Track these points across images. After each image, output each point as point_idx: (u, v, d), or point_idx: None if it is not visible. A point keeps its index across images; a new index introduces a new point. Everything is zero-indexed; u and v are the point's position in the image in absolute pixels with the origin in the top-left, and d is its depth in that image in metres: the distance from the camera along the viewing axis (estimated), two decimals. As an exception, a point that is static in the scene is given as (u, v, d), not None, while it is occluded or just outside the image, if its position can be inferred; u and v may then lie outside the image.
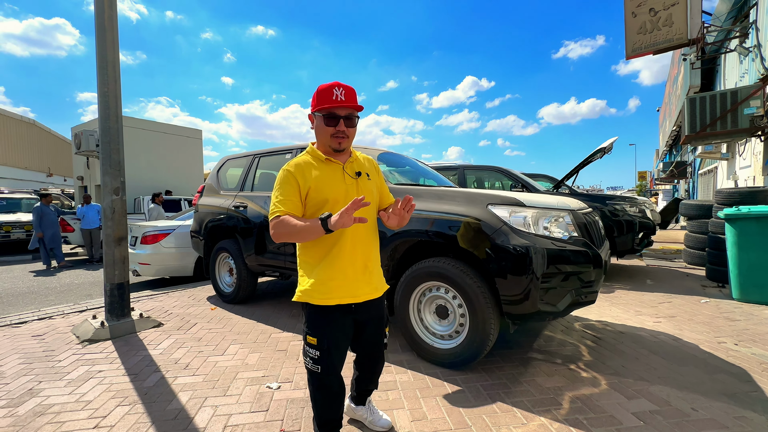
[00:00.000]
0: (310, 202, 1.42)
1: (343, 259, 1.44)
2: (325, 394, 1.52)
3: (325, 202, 1.42)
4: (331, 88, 1.41)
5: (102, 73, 3.16)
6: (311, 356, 1.46)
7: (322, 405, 1.54)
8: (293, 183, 1.40)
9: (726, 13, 8.20)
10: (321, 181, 1.43)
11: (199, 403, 2.04)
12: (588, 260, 2.25)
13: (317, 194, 1.41)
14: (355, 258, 1.47)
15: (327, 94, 1.41)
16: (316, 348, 1.45)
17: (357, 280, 1.47)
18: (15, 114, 22.19)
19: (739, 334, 2.97)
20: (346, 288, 1.45)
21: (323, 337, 1.45)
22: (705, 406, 1.95)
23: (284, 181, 1.41)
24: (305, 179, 1.41)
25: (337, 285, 1.44)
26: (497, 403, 2.00)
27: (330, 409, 1.55)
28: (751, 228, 3.78)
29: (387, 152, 3.59)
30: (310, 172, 1.43)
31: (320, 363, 1.45)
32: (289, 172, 1.42)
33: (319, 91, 1.43)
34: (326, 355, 1.45)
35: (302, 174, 1.42)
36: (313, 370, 1.47)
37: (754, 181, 7.30)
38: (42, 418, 1.92)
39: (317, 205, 1.42)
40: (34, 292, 5.26)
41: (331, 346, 1.46)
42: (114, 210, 3.23)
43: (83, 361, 2.61)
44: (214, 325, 3.34)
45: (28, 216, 9.78)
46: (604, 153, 5.06)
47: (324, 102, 1.41)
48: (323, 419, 1.56)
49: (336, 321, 1.47)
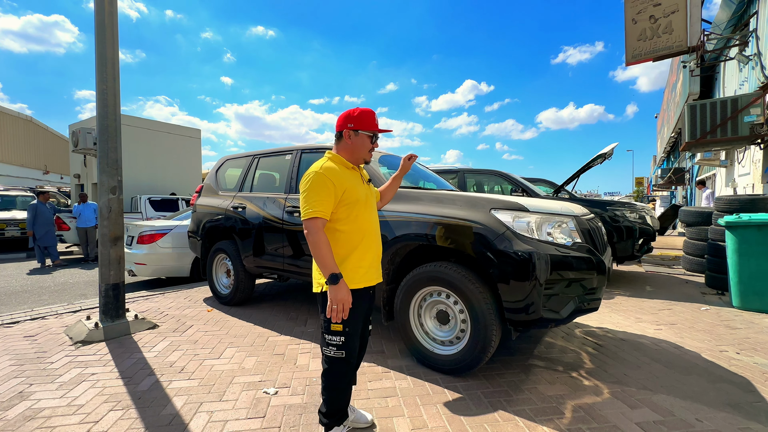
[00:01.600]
0: (344, 201, 1.59)
1: (369, 249, 1.66)
2: (347, 380, 1.65)
3: (357, 202, 1.61)
4: (374, 114, 1.68)
5: (101, 71, 3.12)
6: (335, 344, 1.58)
7: (340, 393, 1.65)
8: (330, 186, 1.54)
9: (726, 21, 8.25)
10: (353, 185, 1.63)
11: (194, 408, 2.00)
12: (591, 267, 2.22)
13: (351, 195, 1.60)
14: (374, 248, 1.70)
15: (372, 118, 1.67)
16: (341, 334, 1.57)
17: (376, 267, 1.71)
18: (12, 111, 22.04)
19: (740, 343, 2.95)
20: (371, 273, 1.67)
21: (348, 322, 1.57)
22: (709, 416, 1.92)
23: (321, 185, 1.54)
24: (340, 182, 1.58)
25: (364, 271, 1.64)
26: (499, 411, 1.96)
27: (346, 396, 1.68)
28: (752, 236, 3.77)
29: (388, 155, 3.56)
30: (343, 176, 1.61)
31: (345, 347, 1.58)
32: (325, 177, 1.55)
33: (365, 113, 1.65)
34: (350, 339, 1.59)
35: (337, 177, 1.58)
36: (337, 357, 1.59)
37: (753, 189, 7.32)
38: (32, 422, 1.87)
39: (350, 204, 1.60)
40: (28, 291, 5.18)
41: (353, 330, 1.60)
42: (111, 209, 3.18)
43: (76, 363, 2.55)
44: (210, 327, 3.29)
45: (23, 213, 9.69)
46: (604, 159, 5.05)
47: (372, 125, 1.66)
48: (339, 407, 1.66)
49: (361, 305, 1.64)
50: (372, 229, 1.70)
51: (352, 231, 1.61)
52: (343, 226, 1.61)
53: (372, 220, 1.70)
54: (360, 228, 1.63)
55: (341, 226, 1.60)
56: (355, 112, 1.65)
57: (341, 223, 1.60)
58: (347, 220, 1.60)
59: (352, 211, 1.60)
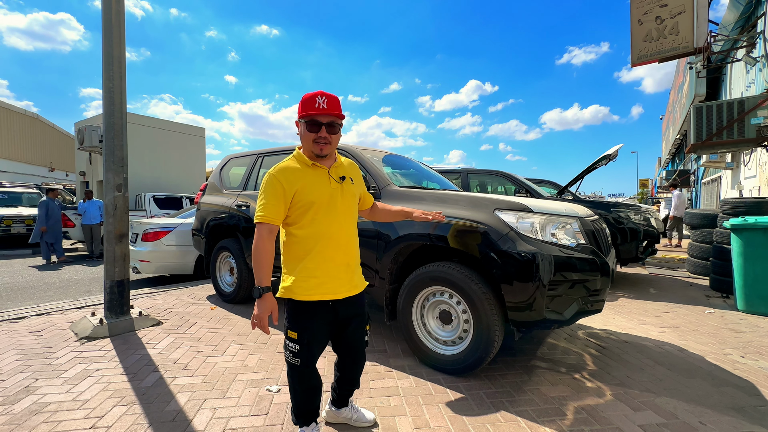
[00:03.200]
0: (297, 203, 1.48)
1: (325, 258, 1.52)
2: (304, 386, 1.59)
3: (311, 204, 1.48)
4: (314, 97, 1.47)
5: (108, 69, 3.15)
6: (291, 350, 1.53)
7: (301, 395, 1.60)
8: (278, 188, 1.45)
9: (733, 22, 8.19)
10: (307, 184, 1.49)
11: (197, 404, 2.01)
12: (595, 268, 2.21)
13: (303, 196, 1.47)
14: (337, 256, 1.54)
15: (310, 102, 1.47)
16: (297, 342, 1.52)
17: (338, 278, 1.55)
18: (18, 108, 22.21)
19: (745, 346, 2.93)
20: (328, 285, 1.52)
21: (303, 331, 1.52)
22: (713, 420, 1.91)
23: (270, 187, 1.46)
24: (290, 183, 1.46)
25: (319, 282, 1.51)
26: (501, 412, 1.96)
27: (309, 398, 1.62)
28: (758, 239, 3.74)
29: (392, 154, 3.56)
30: (296, 175, 1.48)
31: (300, 356, 1.52)
32: (275, 178, 1.46)
33: (304, 99, 1.50)
34: (305, 349, 1.52)
35: (287, 178, 1.47)
36: (293, 363, 1.54)
37: (759, 192, 7.27)
38: (38, 416, 1.89)
39: (304, 207, 1.48)
40: (33, 287, 5.23)
41: (310, 340, 1.52)
42: (116, 206, 3.20)
43: (81, 358, 2.58)
44: (213, 324, 3.31)
45: (29, 210, 9.77)
46: (609, 160, 5.03)
47: (307, 109, 1.48)
48: (301, 410, 1.62)
49: (316, 317, 1.53)
50: (333, 234, 1.52)
51: (305, 236, 1.49)
52: (297, 230, 1.50)
53: (335, 224, 1.52)
54: (315, 233, 1.49)
55: (295, 230, 1.50)
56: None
57: (295, 227, 1.50)
58: (301, 224, 1.49)
59: (307, 213, 1.48)
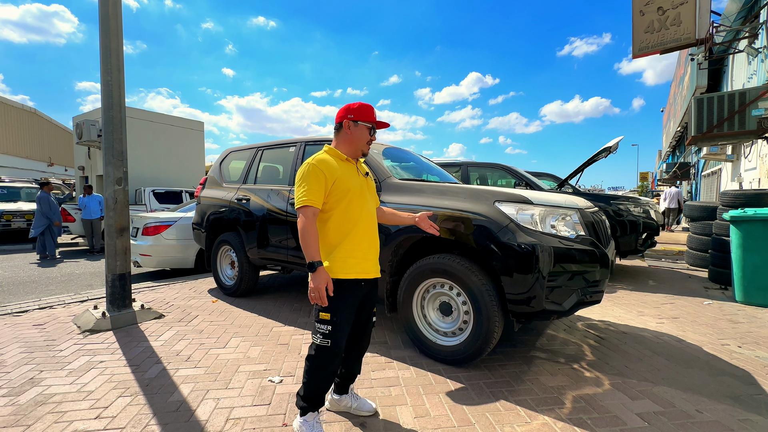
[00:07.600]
0: (335, 191, 1.63)
1: (362, 240, 1.68)
2: (330, 369, 1.65)
3: (347, 191, 1.65)
4: (373, 108, 1.74)
5: (105, 62, 3.12)
6: (322, 332, 1.61)
7: (322, 380, 1.65)
8: (321, 177, 1.60)
9: (736, 13, 8.11)
10: (343, 174, 1.66)
11: (200, 395, 2.04)
12: (595, 260, 2.23)
13: (341, 184, 1.64)
14: (369, 240, 1.71)
15: (372, 111, 1.72)
16: (329, 323, 1.60)
17: (370, 259, 1.72)
18: (16, 102, 22.08)
19: (742, 337, 2.96)
20: (362, 265, 1.68)
21: (336, 312, 1.61)
22: (710, 408, 1.94)
23: (312, 175, 1.60)
24: (330, 172, 1.62)
25: (356, 262, 1.66)
26: (500, 401, 1.99)
27: (326, 384, 1.67)
28: (757, 231, 3.75)
29: (392, 147, 3.56)
30: (333, 167, 1.65)
31: (331, 337, 1.60)
32: (317, 168, 1.61)
33: (365, 106, 1.72)
34: (337, 329, 1.61)
35: (327, 168, 1.63)
36: (323, 345, 1.61)
37: (759, 184, 7.26)
38: (43, 407, 1.91)
39: (341, 194, 1.64)
40: (35, 282, 5.25)
41: (342, 320, 1.62)
42: (116, 200, 3.20)
43: (84, 351, 2.60)
44: (215, 317, 3.33)
45: (28, 205, 9.76)
46: (609, 152, 5.01)
47: (371, 117, 1.71)
48: (318, 392, 1.67)
49: (350, 297, 1.65)
50: (365, 219, 1.71)
51: (343, 220, 1.65)
52: (335, 215, 1.65)
53: (366, 211, 1.71)
54: (351, 218, 1.66)
55: (332, 215, 1.65)
56: (355, 104, 1.72)
57: (332, 212, 1.65)
58: (338, 210, 1.65)
59: (343, 200, 1.64)
